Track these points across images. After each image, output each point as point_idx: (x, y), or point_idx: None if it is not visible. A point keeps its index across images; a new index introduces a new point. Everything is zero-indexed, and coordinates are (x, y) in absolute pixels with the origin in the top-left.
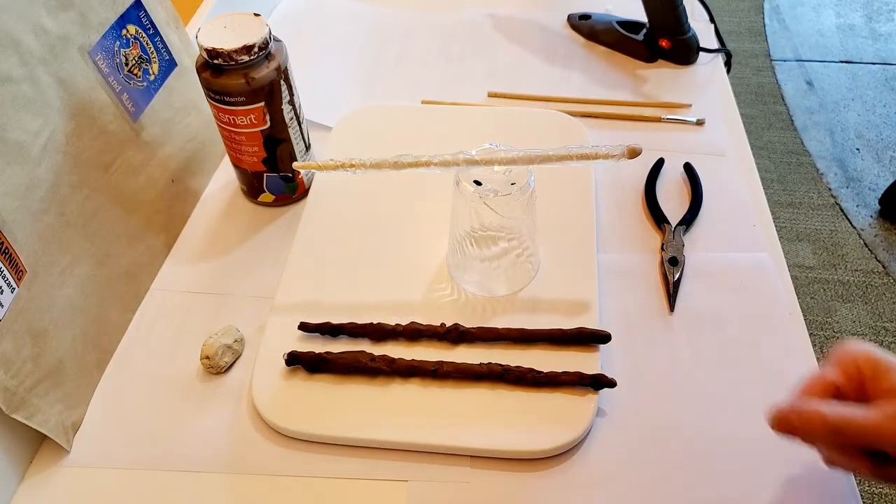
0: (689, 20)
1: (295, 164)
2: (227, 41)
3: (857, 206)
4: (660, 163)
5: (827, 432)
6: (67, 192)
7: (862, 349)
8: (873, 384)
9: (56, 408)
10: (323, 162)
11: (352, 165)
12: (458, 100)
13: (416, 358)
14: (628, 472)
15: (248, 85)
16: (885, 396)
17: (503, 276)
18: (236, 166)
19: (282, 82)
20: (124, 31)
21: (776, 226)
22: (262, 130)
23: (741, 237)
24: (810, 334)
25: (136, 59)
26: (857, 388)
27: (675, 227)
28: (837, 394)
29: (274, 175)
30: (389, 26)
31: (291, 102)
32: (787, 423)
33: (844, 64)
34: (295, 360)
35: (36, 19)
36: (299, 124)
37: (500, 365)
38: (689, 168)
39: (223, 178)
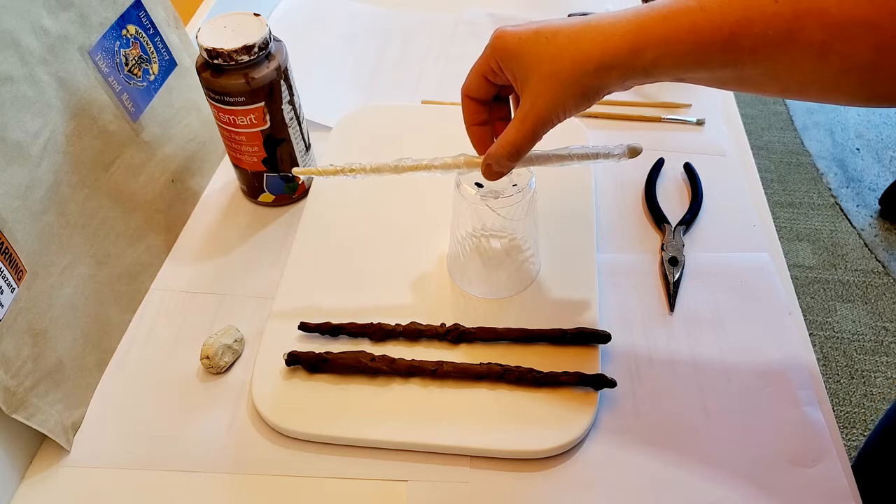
0: None
1: (294, 170)
2: (227, 41)
3: (857, 206)
4: (660, 163)
5: (513, 159)
6: (67, 192)
7: (500, 40)
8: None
9: (56, 408)
10: (323, 167)
11: (352, 170)
12: (457, 100)
13: (416, 358)
14: (628, 472)
15: (248, 85)
16: (519, 87)
17: (504, 277)
18: (236, 166)
19: (282, 82)
20: (124, 31)
21: (776, 226)
22: (262, 130)
23: (741, 237)
24: (810, 334)
25: (136, 59)
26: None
27: (675, 227)
28: (492, 74)
29: (274, 175)
30: (389, 26)
31: (291, 102)
32: (492, 171)
33: None
34: (295, 360)
35: (36, 19)
36: (299, 124)
37: (500, 365)
38: (689, 168)
39: (223, 178)
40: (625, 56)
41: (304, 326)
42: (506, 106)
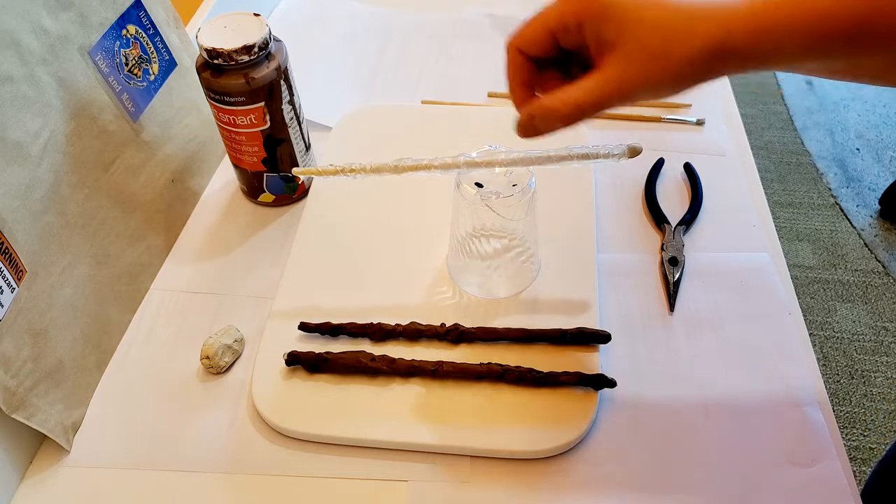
0: None
1: (294, 170)
2: (227, 41)
3: (857, 206)
4: (660, 163)
5: (568, 121)
6: (67, 192)
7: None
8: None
9: (56, 408)
10: (322, 167)
11: (352, 171)
12: (458, 100)
13: (416, 358)
14: (628, 472)
15: (248, 85)
16: (602, 50)
17: (504, 277)
18: (236, 166)
19: (282, 82)
20: (124, 31)
21: (776, 226)
22: (262, 130)
23: (741, 237)
24: (810, 334)
25: (136, 59)
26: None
27: (675, 227)
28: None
29: (274, 175)
30: (389, 26)
31: (291, 102)
32: (533, 126)
33: None
34: (295, 360)
35: (36, 19)
36: (299, 124)
37: (500, 365)
38: (689, 168)
39: (223, 178)
40: (746, 42)
41: (304, 326)
42: (556, 74)
